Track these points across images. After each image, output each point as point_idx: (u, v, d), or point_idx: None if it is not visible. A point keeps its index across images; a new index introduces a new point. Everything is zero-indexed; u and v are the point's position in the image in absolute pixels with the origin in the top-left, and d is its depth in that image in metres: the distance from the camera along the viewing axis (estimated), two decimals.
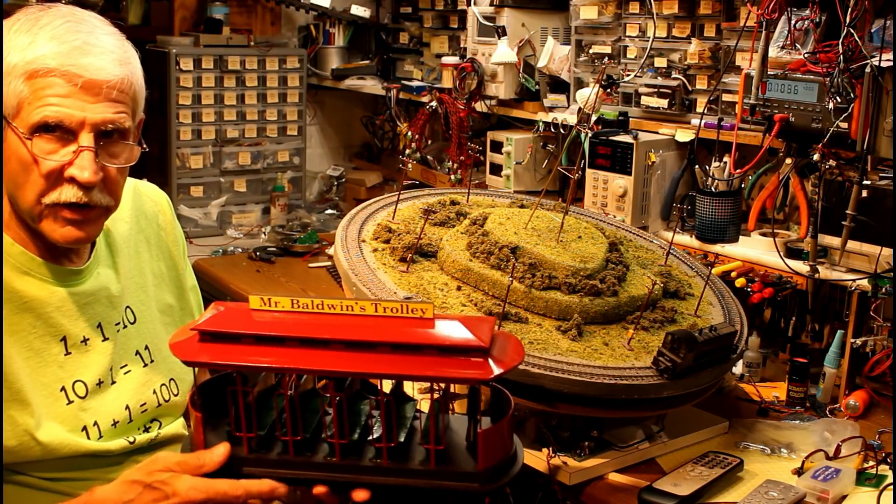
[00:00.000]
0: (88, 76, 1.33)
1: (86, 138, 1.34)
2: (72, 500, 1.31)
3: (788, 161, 2.20)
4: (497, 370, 1.21)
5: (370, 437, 1.30)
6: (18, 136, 1.33)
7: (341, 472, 1.28)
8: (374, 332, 1.23)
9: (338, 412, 1.26)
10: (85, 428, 1.42)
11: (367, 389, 1.36)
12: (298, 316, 1.25)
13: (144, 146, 1.44)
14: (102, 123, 1.35)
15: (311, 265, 3.17)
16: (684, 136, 2.47)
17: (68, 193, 1.35)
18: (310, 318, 1.25)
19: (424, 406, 1.33)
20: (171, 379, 1.58)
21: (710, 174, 2.38)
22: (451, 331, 1.23)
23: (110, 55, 1.36)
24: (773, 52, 2.13)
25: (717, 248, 2.34)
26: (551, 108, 2.88)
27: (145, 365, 1.54)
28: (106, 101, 1.34)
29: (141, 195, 1.63)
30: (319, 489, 1.29)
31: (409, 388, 1.49)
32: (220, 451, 1.26)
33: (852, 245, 2.06)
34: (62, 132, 1.33)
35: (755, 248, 2.30)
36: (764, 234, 2.32)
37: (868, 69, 1.91)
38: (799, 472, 1.71)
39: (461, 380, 1.24)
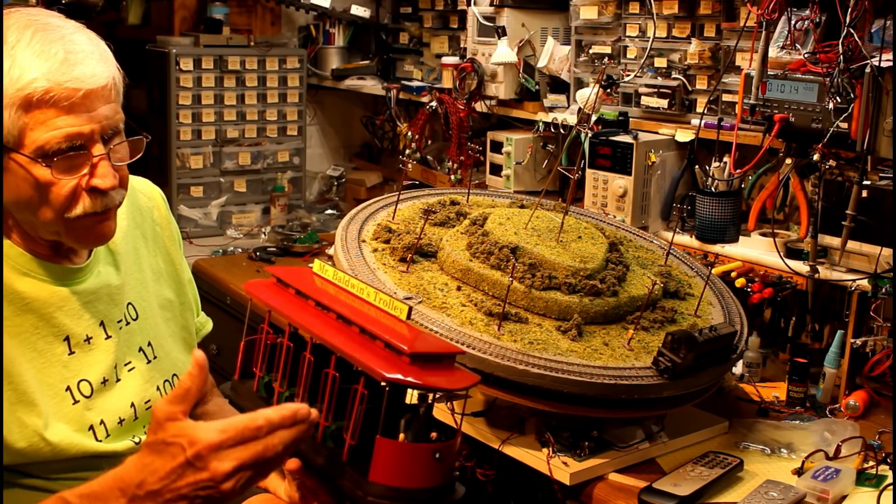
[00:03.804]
0: (86, 87, 1.31)
1: (98, 147, 1.34)
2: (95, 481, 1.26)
3: (788, 161, 2.20)
4: (403, 376, 1.18)
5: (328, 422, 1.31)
6: (27, 163, 1.31)
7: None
8: (356, 312, 1.34)
9: (318, 381, 1.30)
10: (92, 427, 1.42)
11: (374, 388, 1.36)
12: (330, 286, 1.47)
13: (147, 135, 1.44)
14: (108, 127, 1.35)
15: (311, 265, 3.16)
16: (684, 136, 2.47)
17: (93, 204, 1.36)
18: (332, 290, 1.44)
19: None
20: (174, 375, 1.58)
21: (710, 174, 2.38)
22: (402, 329, 1.30)
23: (92, 56, 1.34)
24: (773, 52, 2.13)
25: (717, 248, 2.34)
26: (551, 108, 2.88)
27: (149, 361, 1.54)
28: (105, 105, 1.34)
29: (135, 191, 1.62)
30: (291, 465, 1.33)
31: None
32: (198, 355, 1.20)
33: (852, 245, 2.06)
34: (75, 149, 1.32)
35: (755, 248, 2.30)
36: (764, 234, 2.32)
37: (868, 69, 1.91)
38: (799, 472, 1.71)
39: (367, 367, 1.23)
